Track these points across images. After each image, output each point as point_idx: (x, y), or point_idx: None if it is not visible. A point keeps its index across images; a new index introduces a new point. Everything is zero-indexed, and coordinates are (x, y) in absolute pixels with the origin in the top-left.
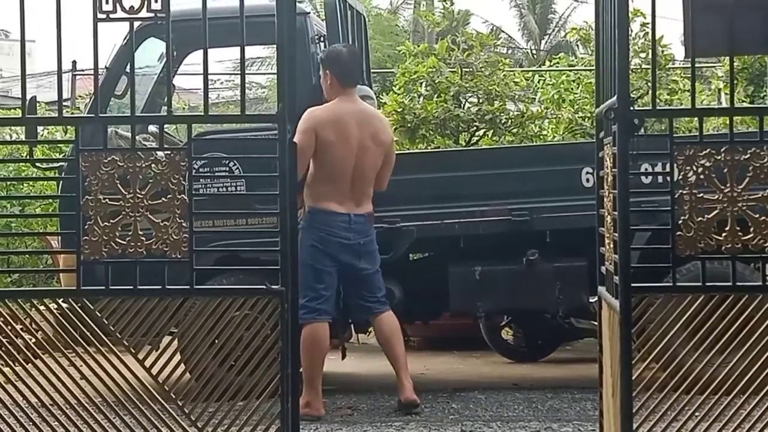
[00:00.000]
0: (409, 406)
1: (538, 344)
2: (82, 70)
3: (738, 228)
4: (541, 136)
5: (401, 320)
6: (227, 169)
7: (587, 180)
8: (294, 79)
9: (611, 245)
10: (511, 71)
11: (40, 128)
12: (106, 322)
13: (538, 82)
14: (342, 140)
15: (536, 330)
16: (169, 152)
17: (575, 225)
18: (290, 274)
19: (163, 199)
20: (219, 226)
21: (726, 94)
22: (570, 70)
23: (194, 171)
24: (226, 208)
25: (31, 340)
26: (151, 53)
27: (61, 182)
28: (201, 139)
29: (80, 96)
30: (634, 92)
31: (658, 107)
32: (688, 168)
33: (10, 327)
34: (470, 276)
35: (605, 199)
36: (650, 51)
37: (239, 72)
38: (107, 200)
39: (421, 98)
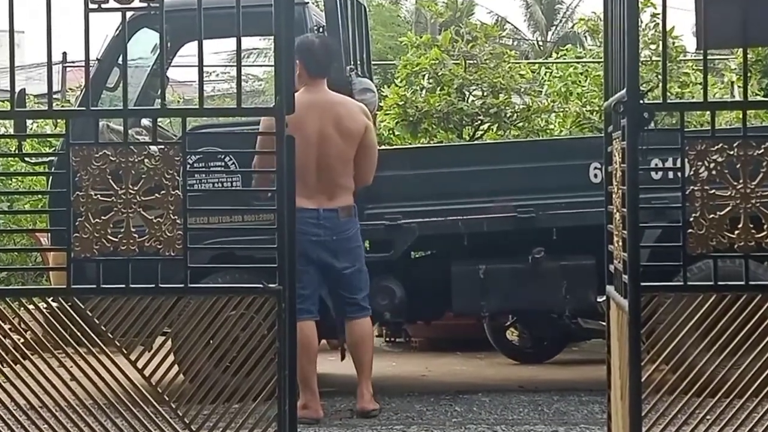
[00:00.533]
0: (364, 416)
1: (544, 345)
2: (73, 62)
3: (751, 225)
4: (548, 131)
5: (403, 320)
6: (222, 164)
7: (595, 176)
8: (292, 70)
9: (620, 243)
10: (516, 63)
11: (29, 122)
12: (97, 321)
13: (545, 74)
14: (299, 131)
15: (542, 330)
16: (162, 147)
17: (583, 222)
18: (288, 273)
19: (157, 195)
20: (214, 223)
21: (739, 87)
22: (578, 62)
23: (189, 166)
24: (222, 205)
25: (19, 340)
26: (144, 44)
27: (50, 177)
28: (196, 133)
29: (71, 88)
30: (644, 85)
31: (668, 101)
32: (700, 163)
33: None
34: (474, 275)
35: (614, 196)
36: (661, 42)
37: (235, 64)
38: (98, 196)
39: (424, 91)
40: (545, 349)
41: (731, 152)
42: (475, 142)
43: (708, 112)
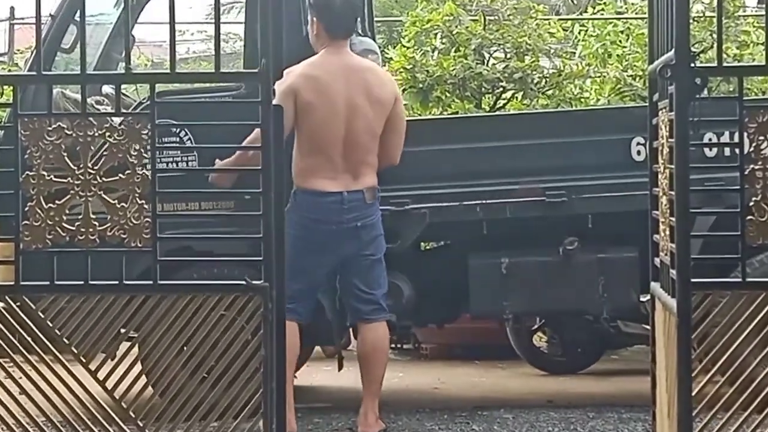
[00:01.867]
0: None
1: (577, 353)
2: (22, 19)
3: None
4: (582, 99)
5: (411, 323)
6: (178, 139)
7: (638, 152)
8: (280, 29)
9: (667, 232)
10: (545, 20)
11: None
12: (50, 324)
13: (579, 33)
14: (325, 100)
15: (575, 336)
16: (127, 118)
17: (623, 207)
18: (275, 267)
19: (121, 175)
20: (188, 209)
21: None
22: (618, 19)
23: (158, 141)
24: (197, 187)
25: None
26: None
27: None
28: (166, 102)
29: (19, 50)
30: (696, 46)
31: (724, 64)
32: (762, 138)
33: None
34: (495, 269)
35: (660, 176)
36: None
37: (213, 21)
38: (52, 177)
39: (436, 53)
40: (579, 358)
41: None
42: (497, 112)
43: None
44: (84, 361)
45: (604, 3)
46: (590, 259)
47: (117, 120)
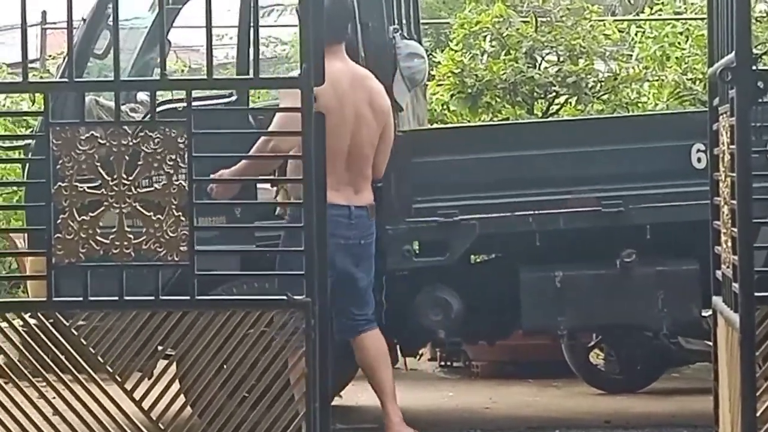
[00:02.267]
0: None
1: (636, 371)
2: (54, 23)
3: None
4: (640, 104)
5: (461, 340)
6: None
7: (698, 160)
8: (322, 32)
9: (729, 243)
10: (600, 21)
11: (0, 97)
12: (84, 342)
13: (636, 34)
14: (338, 107)
15: (634, 353)
16: (163, 126)
17: (683, 217)
18: (318, 282)
19: (156, 186)
20: (234, 221)
21: None
22: (676, 20)
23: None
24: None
25: None
26: (139, 1)
27: (26, 165)
28: (204, 109)
29: (51, 56)
30: (758, 47)
31: None
32: None
33: None
34: (548, 283)
35: (721, 185)
36: None
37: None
38: (85, 188)
39: (485, 56)
40: (638, 376)
41: None
42: (549, 119)
43: None
44: (119, 380)
45: (662, 3)
46: (649, 272)
47: (153, 128)
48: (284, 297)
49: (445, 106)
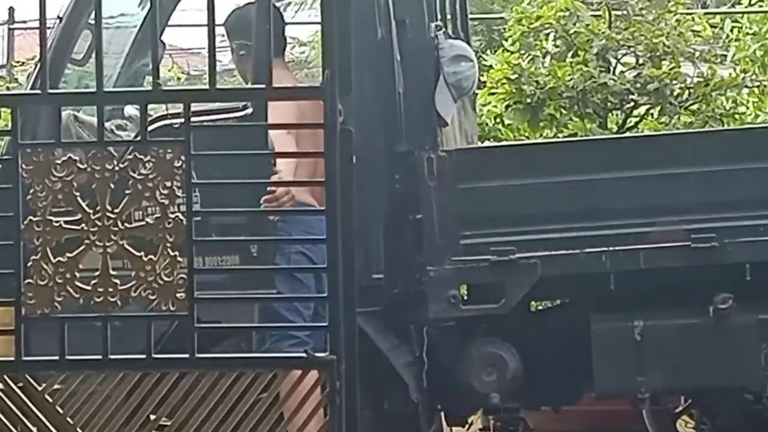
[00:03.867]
0: None
1: None
2: (24, 23)
3: None
4: (737, 116)
5: (520, 405)
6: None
7: None
8: (348, 31)
9: None
10: (688, 14)
11: None
12: (60, 411)
13: (732, 31)
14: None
15: (731, 420)
16: (156, 147)
17: None
18: (344, 334)
19: (148, 220)
20: (229, 263)
21: None
22: None
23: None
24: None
25: None
26: None
27: None
28: (205, 126)
29: (20, 61)
30: None
31: None
32: None
33: None
34: (626, 336)
35: None
36: None
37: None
38: (61, 223)
39: (548, 58)
40: None
41: None
42: (626, 134)
43: None
44: None
45: None
46: (749, 320)
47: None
48: (303, 353)
49: (498, 120)
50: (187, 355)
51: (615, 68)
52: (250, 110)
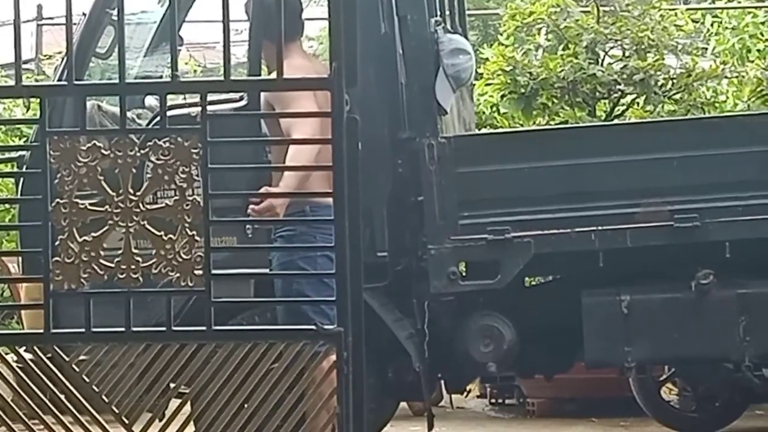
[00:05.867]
0: None
1: (714, 408)
2: (51, 19)
3: None
4: (717, 104)
5: (515, 374)
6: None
7: None
8: (354, 26)
9: None
10: (671, 10)
11: None
12: (86, 379)
13: (712, 25)
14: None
15: (712, 387)
16: (175, 134)
17: (767, 233)
18: (351, 308)
19: (167, 202)
20: (245, 242)
21: None
22: (758, 8)
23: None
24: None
25: None
26: None
27: (21, 180)
28: (220, 115)
29: (47, 55)
30: None
31: None
32: None
33: None
34: (614, 309)
35: None
36: None
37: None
38: (87, 205)
39: (540, 51)
40: (716, 414)
41: None
42: (614, 122)
43: None
44: (126, 422)
45: None
46: (729, 295)
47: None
48: (313, 326)
49: (494, 109)
50: (204, 328)
51: (603, 60)
52: (245, 101)
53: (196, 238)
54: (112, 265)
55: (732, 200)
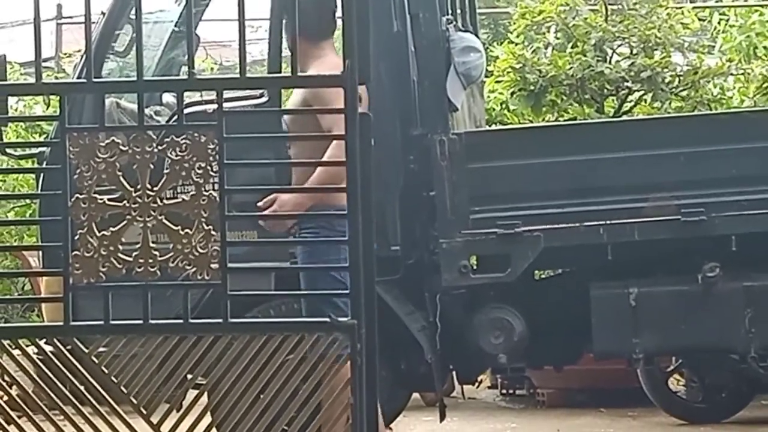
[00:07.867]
0: None
1: (721, 398)
2: (70, 18)
3: None
4: (723, 101)
5: (525, 365)
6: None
7: None
8: (367, 25)
9: None
10: (678, 8)
11: (11, 99)
12: (105, 371)
13: (719, 23)
14: None
15: (719, 378)
16: (191, 131)
17: None
18: (364, 301)
19: (184, 197)
20: (260, 236)
21: None
22: (765, 6)
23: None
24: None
25: (2, 397)
26: None
27: (41, 175)
28: (236, 111)
29: (67, 54)
30: None
31: None
32: None
33: None
34: (622, 301)
35: None
36: None
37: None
38: (105, 200)
39: (549, 49)
40: (723, 404)
41: None
42: (622, 118)
43: None
44: (145, 412)
45: None
46: (735, 287)
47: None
48: (327, 319)
49: (504, 105)
50: (220, 320)
51: (611, 58)
52: (265, 98)
53: (213, 232)
54: (131, 259)
55: (738, 194)
